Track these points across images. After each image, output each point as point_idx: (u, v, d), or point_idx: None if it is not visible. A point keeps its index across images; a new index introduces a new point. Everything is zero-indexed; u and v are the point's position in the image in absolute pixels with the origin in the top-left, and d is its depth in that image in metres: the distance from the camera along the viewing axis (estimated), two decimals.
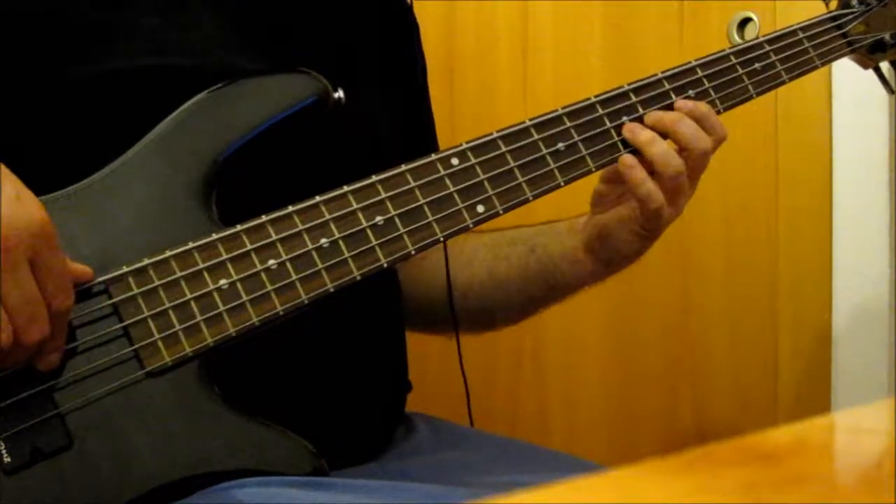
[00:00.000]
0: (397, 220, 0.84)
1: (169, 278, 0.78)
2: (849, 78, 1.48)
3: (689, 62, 0.97)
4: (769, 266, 1.61)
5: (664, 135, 0.92)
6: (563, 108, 0.92)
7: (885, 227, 1.54)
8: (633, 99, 0.94)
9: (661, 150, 0.91)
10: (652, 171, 0.92)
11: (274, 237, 0.80)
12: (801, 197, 1.59)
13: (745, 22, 1.60)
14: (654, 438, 1.67)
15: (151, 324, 0.77)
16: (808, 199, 1.59)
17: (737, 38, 1.59)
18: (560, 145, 0.91)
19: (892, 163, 1.53)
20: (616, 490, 0.41)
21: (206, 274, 0.79)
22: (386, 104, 1.02)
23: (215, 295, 0.79)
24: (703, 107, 0.94)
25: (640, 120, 0.93)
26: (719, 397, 1.64)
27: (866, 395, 1.52)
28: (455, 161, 0.87)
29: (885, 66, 1.12)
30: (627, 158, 0.92)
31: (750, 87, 0.99)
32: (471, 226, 0.87)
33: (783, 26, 1.05)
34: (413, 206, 0.85)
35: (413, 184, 0.85)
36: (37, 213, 0.70)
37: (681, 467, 0.42)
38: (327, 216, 0.82)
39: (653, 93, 0.94)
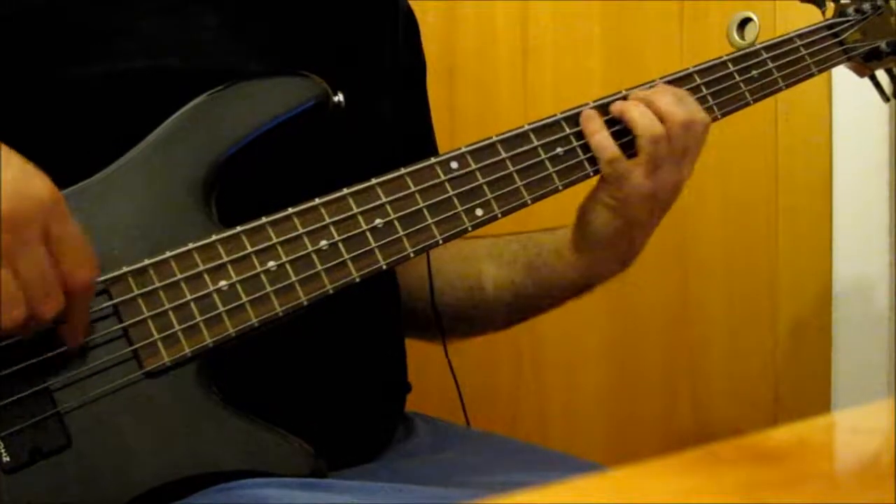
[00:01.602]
0: (396, 223, 0.84)
1: (169, 279, 0.78)
2: (849, 79, 1.48)
3: (687, 69, 0.97)
4: (769, 266, 1.61)
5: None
6: (562, 112, 0.92)
7: (885, 227, 1.54)
8: None
9: (640, 111, 0.92)
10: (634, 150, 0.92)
11: (274, 239, 0.80)
12: (801, 197, 1.59)
13: (745, 22, 1.60)
14: (654, 438, 1.67)
15: (151, 324, 0.77)
16: (808, 199, 1.59)
17: (737, 39, 1.59)
18: (559, 150, 0.91)
19: (892, 163, 1.53)
20: (616, 490, 0.41)
21: (205, 275, 0.79)
22: (386, 107, 1.02)
23: (215, 296, 0.79)
24: (681, 90, 0.94)
25: None
26: (719, 397, 1.64)
27: (866, 395, 1.52)
28: (454, 165, 0.87)
29: (880, 73, 1.12)
30: (586, 112, 0.92)
31: (747, 93, 1.00)
32: (469, 229, 0.87)
33: (783, 26, 1.06)
34: (412, 209, 0.85)
35: (413, 187, 0.85)
36: (44, 185, 0.70)
37: (681, 467, 0.42)
38: (327, 219, 0.82)
39: None
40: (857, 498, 0.40)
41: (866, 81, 1.14)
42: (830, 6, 1.09)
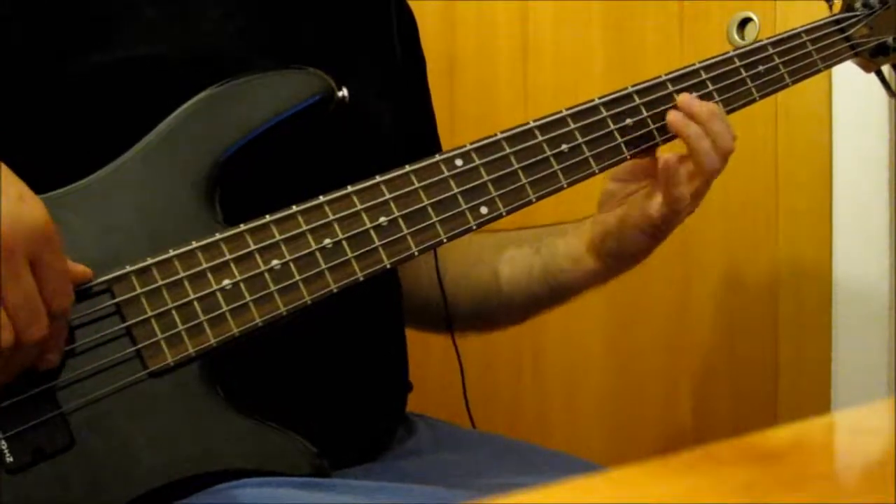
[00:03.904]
0: (401, 221, 0.84)
1: (172, 278, 0.78)
2: (849, 78, 1.48)
3: (693, 64, 0.97)
4: (769, 266, 1.61)
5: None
6: (567, 109, 0.92)
7: (885, 227, 1.54)
8: (637, 101, 0.94)
9: (707, 146, 0.92)
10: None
11: (277, 237, 0.80)
12: (801, 197, 1.59)
13: (745, 22, 1.60)
14: (654, 438, 1.67)
15: (154, 324, 0.77)
16: (808, 199, 1.59)
17: (737, 38, 1.59)
18: (564, 147, 0.91)
19: (892, 163, 1.53)
20: (616, 490, 0.41)
21: (209, 274, 0.79)
22: (389, 103, 1.02)
23: (218, 295, 0.79)
24: (718, 109, 0.94)
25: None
26: (719, 397, 1.64)
27: (866, 395, 1.52)
28: (459, 162, 0.87)
29: (886, 69, 1.12)
30: (671, 156, 0.92)
31: (753, 89, 0.99)
32: (474, 227, 0.87)
33: (783, 26, 1.05)
34: (417, 207, 0.85)
35: (417, 184, 0.85)
36: (39, 213, 0.70)
37: (681, 467, 0.42)
38: (331, 216, 0.82)
39: (656, 95, 0.94)
40: (858, 498, 0.40)
41: (867, 82, 1.13)
42: (838, 1, 1.08)
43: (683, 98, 0.93)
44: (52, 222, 0.71)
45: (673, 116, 0.93)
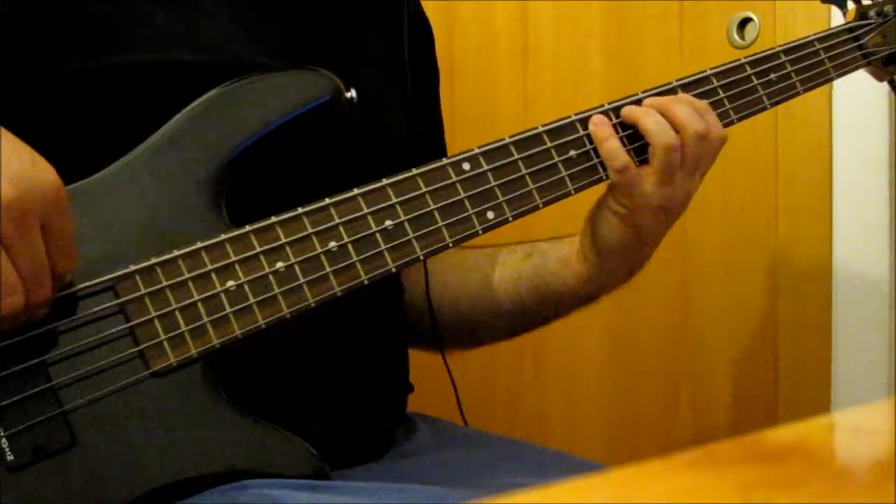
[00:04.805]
0: (407, 225, 0.84)
1: (176, 279, 0.78)
2: (849, 78, 1.48)
3: (705, 70, 0.96)
4: (769, 266, 1.61)
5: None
6: (576, 114, 0.91)
7: (886, 226, 1.54)
8: None
9: (655, 120, 0.90)
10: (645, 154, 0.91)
11: (283, 239, 0.80)
12: (801, 197, 1.60)
13: (745, 22, 1.60)
14: (654, 438, 1.67)
15: (158, 324, 0.77)
16: (808, 199, 1.59)
17: (737, 39, 1.59)
18: (572, 153, 0.91)
19: (892, 163, 1.54)
20: (616, 490, 0.41)
21: (213, 275, 0.79)
22: (396, 105, 1.02)
23: (222, 296, 0.79)
24: (702, 103, 0.93)
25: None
26: (719, 397, 1.64)
27: (866, 395, 1.52)
28: (466, 166, 0.87)
29: None
30: (597, 116, 0.91)
31: (764, 97, 0.98)
32: (480, 232, 0.86)
33: (783, 26, 1.05)
34: (423, 211, 0.84)
35: (424, 188, 0.85)
36: (52, 178, 0.71)
37: (681, 467, 0.42)
38: (337, 219, 0.82)
39: None
40: (858, 498, 0.40)
41: (867, 81, 1.13)
42: (852, 8, 1.08)
43: (647, 99, 0.93)
44: (63, 187, 0.71)
45: (624, 109, 0.92)
